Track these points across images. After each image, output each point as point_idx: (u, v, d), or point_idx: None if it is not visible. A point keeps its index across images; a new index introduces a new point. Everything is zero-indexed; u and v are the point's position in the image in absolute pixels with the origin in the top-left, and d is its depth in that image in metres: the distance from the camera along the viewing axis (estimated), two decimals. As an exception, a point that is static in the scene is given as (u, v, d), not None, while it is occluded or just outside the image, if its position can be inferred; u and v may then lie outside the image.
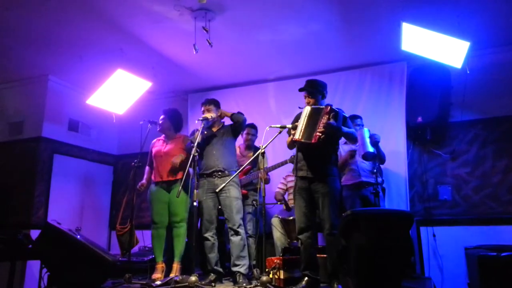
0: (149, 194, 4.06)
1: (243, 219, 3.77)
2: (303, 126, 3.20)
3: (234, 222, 3.59)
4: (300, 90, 3.43)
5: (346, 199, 4.14)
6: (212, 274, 3.56)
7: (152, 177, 4.09)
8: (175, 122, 4.16)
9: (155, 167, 4.06)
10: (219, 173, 3.71)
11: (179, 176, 3.93)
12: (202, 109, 3.89)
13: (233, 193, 3.67)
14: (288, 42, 4.51)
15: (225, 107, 4.05)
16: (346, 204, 4.08)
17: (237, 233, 3.57)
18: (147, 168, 4.23)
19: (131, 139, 5.70)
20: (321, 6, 3.84)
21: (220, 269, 3.64)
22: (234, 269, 3.53)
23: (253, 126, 4.56)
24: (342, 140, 4.07)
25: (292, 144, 3.42)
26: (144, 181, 4.16)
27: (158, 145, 4.13)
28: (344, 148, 4.19)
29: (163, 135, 4.19)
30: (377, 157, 4.04)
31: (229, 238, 3.63)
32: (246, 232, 3.97)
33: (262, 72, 5.33)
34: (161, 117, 4.16)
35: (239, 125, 3.83)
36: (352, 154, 4.13)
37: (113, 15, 3.96)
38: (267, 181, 4.38)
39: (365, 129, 3.97)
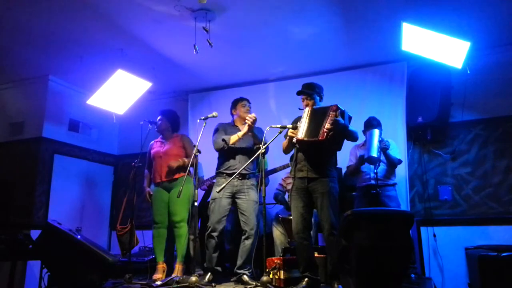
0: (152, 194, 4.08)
1: None
2: (306, 125, 3.19)
3: (252, 225, 3.56)
4: (298, 93, 3.43)
5: (356, 201, 4.17)
6: (209, 274, 3.56)
7: (153, 178, 4.10)
8: (172, 122, 4.17)
9: (155, 168, 4.07)
10: (240, 175, 3.62)
11: (178, 176, 3.94)
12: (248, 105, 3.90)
13: (253, 196, 3.64)
14: (289, 42, 4.51)
15: (225, 107, 4.05)
16: (356, 205, 4.11)
17: (250, 236, 3.55)
18: (146, 172, 4.23)
19: (131, 139, 5.71)
20: (322, 6, 3.84)
21: (219, 269, 3.63)
22: (241, 271, 3.53)
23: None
24: (358, 144, 4.08)
25: (290, 147, 3.41)
26: (147, 189, 4.17)
27: (156, 146, 4.14)
28: (359, 151, 4.21)
29: (160, 137, 4.20)
30: (388, 163, 4.07)
31: (242, 239, 3.60)
32: None
33: (263, 72, 5.34)
34: (158, 117, 4.17)
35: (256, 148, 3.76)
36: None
37: (113, 16, 3.97)
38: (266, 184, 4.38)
39: (375, 130, 3.94)
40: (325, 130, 3.07)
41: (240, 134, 3.65)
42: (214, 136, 3.76)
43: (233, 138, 3.64)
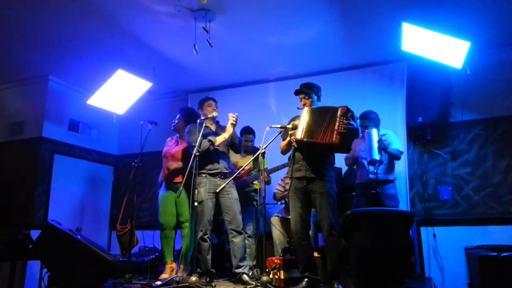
0: (159, 195, 4.10)
1: (243, 219, 3.78)
2: (305, 126, 3.17)
3: (238, 223, 3.59)
4: (296, 93, 3.43)
5: (355, 198, 4.16)
6: (205, 276, 3.57)
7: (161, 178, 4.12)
8: (188, 121, 4.07)
9: (163, 167, 4.07)
10: (222, 174, 3.69)
11: (180, 178, 3.92)
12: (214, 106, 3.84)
13: (235, 195, 3.69)
14: (288, 42, 4.51)
15: (225, 107, 4.05)
16: (357, 203, 4.10)
17: (240, 234, 3.58)
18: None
19: (131, 139, 5.71)
20: (321, 6, 3.85)
21: (213, 270, 3.64)
22: (238, 270, 3.53)
23: (250, 132, 4.47)
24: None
25: (288, 147, 3.40)
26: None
27: (170, 144, 4.12)
28: (358, 145, 4.17)
29: (177, 134, 4.18)
30: (389, 162, 4.04)
31: (229, 239, 3.62)
32: (246, 232, 3.98)
33: (262, 72, 5.34)
34: (177, 116, 4.14)
35: (235, 147, 3.84)
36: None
37: (113, 16, 3.97)
38: (268, 182, 4.37)
39: (373, 130, 3.93)
40: (337, 134, 3.03)
41: (226, 135, 3.68)
42: (199, 138, 3.65)
43: (219, 139, 3.66)
